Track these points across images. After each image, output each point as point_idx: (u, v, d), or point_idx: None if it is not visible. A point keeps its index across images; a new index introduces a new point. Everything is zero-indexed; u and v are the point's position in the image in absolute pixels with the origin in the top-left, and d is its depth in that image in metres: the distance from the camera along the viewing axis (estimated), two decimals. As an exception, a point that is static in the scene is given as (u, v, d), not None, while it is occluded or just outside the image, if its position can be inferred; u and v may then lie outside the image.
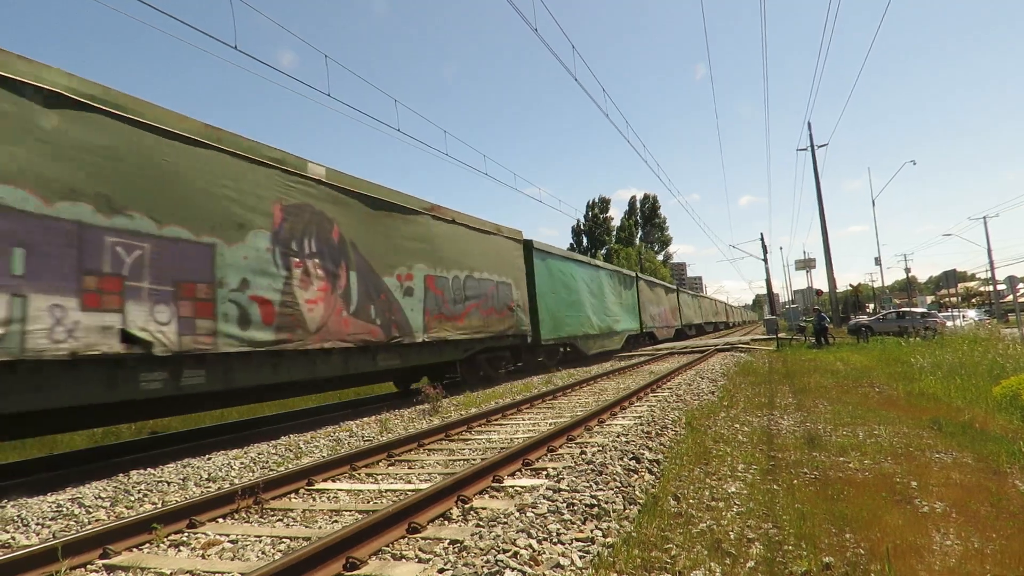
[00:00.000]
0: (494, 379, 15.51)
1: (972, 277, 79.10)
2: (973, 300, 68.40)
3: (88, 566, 3.80)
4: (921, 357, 13.16)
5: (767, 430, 6.86)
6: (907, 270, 71.67)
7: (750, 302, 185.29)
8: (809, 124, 34.29)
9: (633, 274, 29.88)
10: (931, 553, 3.19)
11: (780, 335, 27.13)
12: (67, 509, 5.16)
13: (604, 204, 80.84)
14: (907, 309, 32.97)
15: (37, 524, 4.81)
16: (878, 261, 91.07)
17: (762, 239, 47.88)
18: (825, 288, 37.21)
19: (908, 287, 75.54)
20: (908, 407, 8.07)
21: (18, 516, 4.97)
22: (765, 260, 48.17)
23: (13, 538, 4.48)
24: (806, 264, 49.90)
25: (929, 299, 75.76)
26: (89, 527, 4.57)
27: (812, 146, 32.49)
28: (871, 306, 58.85)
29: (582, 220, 79.75)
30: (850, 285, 49.82)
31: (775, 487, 4.55)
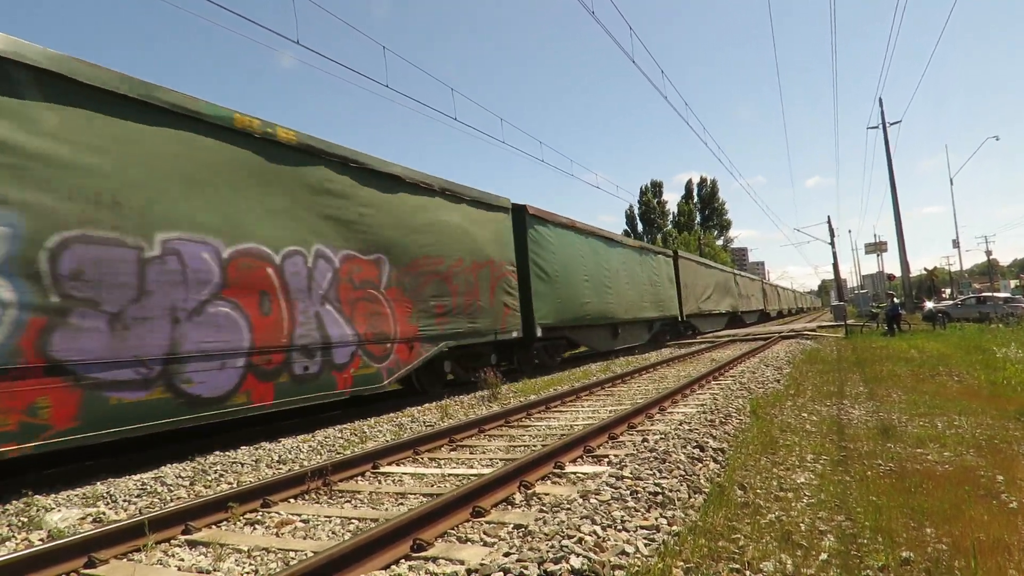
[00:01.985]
0: (551, 367, 15.53)
1: (1061, 259, 73.97)
2: (1062, 284, 64.06)
3: (172, 541, 4.01)
4: (1005, 345, 12.43)
5: (837, 419, 6.63)
6: (988, 253, 67.68)
7: (815, 288, 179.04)
8: (880, 101, 32.70)
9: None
10: (1021, 551, 3.03)
11: (849, 322, 26.09)
12: (151, 487, 5.46)
13: (657, 188, 79.37)
14: (988, 294, 31.18)
15: (124, 500, 5.11)
16: (956, 243, 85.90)
17: (829, 222, 46.14)
18: (897, 272, 35.56)
19: (989, 271, 71.36)
20: (991, 397, 7.65)
21: (107, 493, 5.29)
22: (832, 244, 46.42)
23: (103, 513, 4.78)
24: (877, 247, 47.68)
25: (1013, 283, 71.30)
26: (172, 504, 4.82)
27: (884, 124, 30.99)
28: (947, 291, 55.92)
29: (636, 205, 78.57)
30: (924, 269, 47.56)
31: (847, 478, 4.40)
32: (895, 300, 22.51)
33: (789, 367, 12.33)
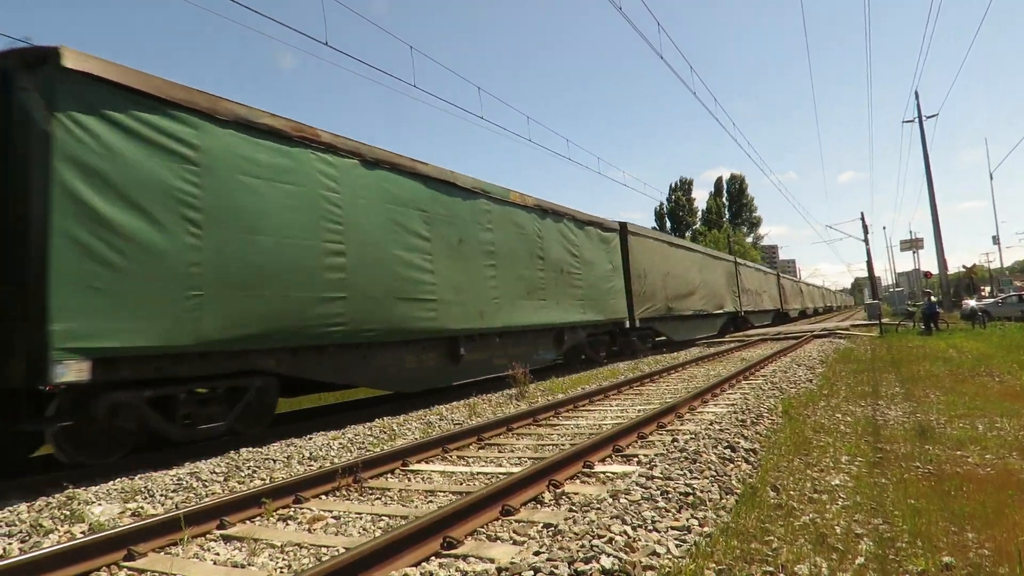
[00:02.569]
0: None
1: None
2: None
3: (207, 535, 4.09)
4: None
5: (872, 420, 6.49)
6: (1029, 249, 65.38)
7: (848, 285, 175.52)
8: (916, 94, 31.89)
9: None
10: (1068, 557, 2.93)
11: (884, 320, 25.52)
12: (186, 482, 5.58)
13: (686, 185, 78.60)
14: (1030, 292, 30.20)
15: (161, 495, 5.22)
16: (996, 240, 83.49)
17: (863, 218, 45.09)
18: (934, 270, 34.68)
19: (1030, 268, 69.01)
20: (1034, 398, 7.41)
21: (144, 487, 5.42)
22: (866, 240, 45.38)
23: (141, 507, 4.89)
24: (912, 244, 46.56)
25: (1056, 281, 68.88)
26: (207, 499, 4.91)
27: (920, 117, 30.24)
28: (987, 288, 54.34)
29: (665, 203, 77.85)
30: (963, 266, 46.23)
31: (884, 481, 4.30)
32: (932, 298, 21.92)
33: (822, 366, 12.11)
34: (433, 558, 3.36)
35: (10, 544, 4.09)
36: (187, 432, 6.88)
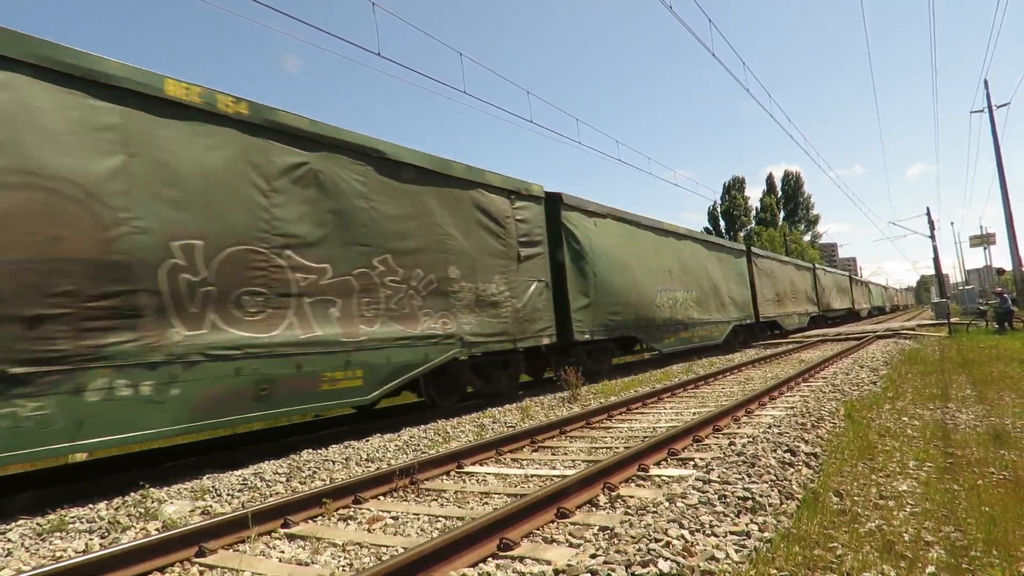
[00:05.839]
0: (633, 367, 15.93)
1: None
2: None
3: (272, 534, 4.24)
4: None
5: (941, 424, 6.23)
6: (1114, 242, 61.34)
7: (913, 284, 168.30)
8: (986, 82, 30.34)
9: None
10: None
11: (952, 320, 24.36)
12: (251, 482, 5.78)
13: (740, 184, 76.75)
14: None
15: (227, 495, 5.44)
16: (1075, 233, 78.63)
17: (928, 214, 43.27)
18: (1007, 266, 32.91)
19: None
20: (1121, 401, 6.97)
21: (212, 487, 5.64)
22: (932, 237, 43.49)
23: (210, 506, 5.10)
24: (983, 239, 44.19)
25: None
26: (271, 499, 5.07)
27: (990, 107, 28.75)
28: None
29: (718, 202, 76.27)
30: (1039, 262, 43.58)
31: (955, 487, 4.13)
32: (1004, 295, 20.80)
33: (886, 368, 11.66)
34: (490, 559, 3.40)
35: (91, 540, 4.33)
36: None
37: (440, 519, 4.34)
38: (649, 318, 15.14)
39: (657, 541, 3.22)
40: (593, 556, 3.13)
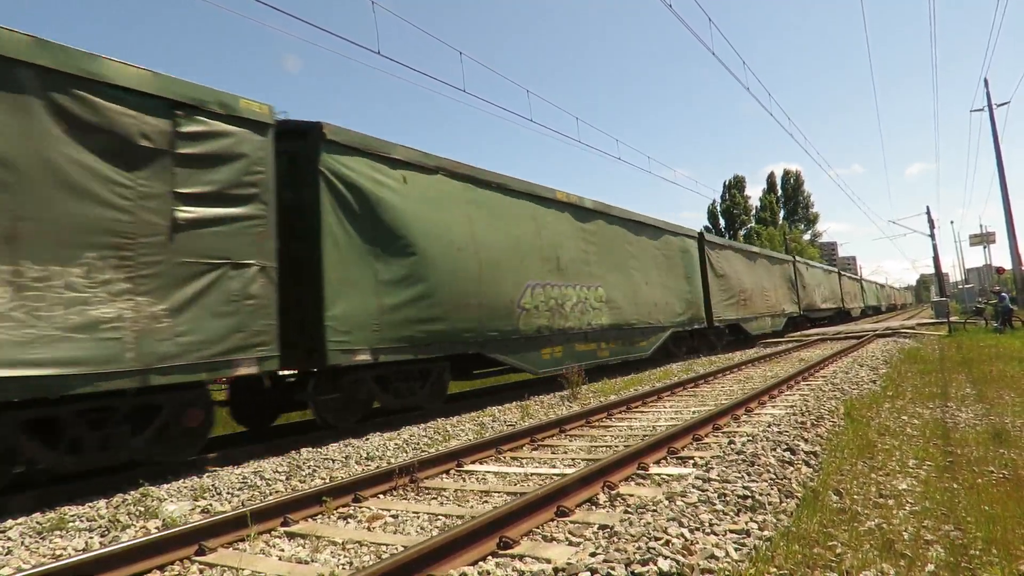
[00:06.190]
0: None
1: None
2: None
3: (272, 532, 4.24)
4: None
5: (941, 423, 6.23)
6: (1114, 241, 61.34)
7: (913, 283, 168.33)
8: (986, 81, 30.32)
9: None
10: None
11: (952, 319, 24.36)
12: (251, 481, 5.79)
13: (740, 183, 76.64)
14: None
15: (227, 493, 5.44)
16: (1075, 232, 78.56)
17: (928, 212, 43.27)
18: (1007, 265, 32.90)
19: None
20: (1121, 400, 6.97)
21: (212, 485, 5.65)
22: (932, 236, 43.50)
23: (210, 504, 5.10)
24: (983, 238, 44.14)
25: None
26: (271, 498, 5.08)
27: (990, 105, 28.73)
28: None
29: (718, 201, 76.15)
30: (1039, 261, 43.54)
31: (955, 485, 4.13)
32: (1003, 294, 20.81)
33: (886, 367, 11.66)
34: (490, 557, 3.40)
35: (91, 538, 4.33)
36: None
37: (440, 518, 4.34)
38: (506, 327, 10.55)
39: (657, 540, 3.22)
40: (593, 554, 3.14)
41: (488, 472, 5.64)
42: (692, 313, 17.39)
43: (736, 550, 3.15)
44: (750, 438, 5.72)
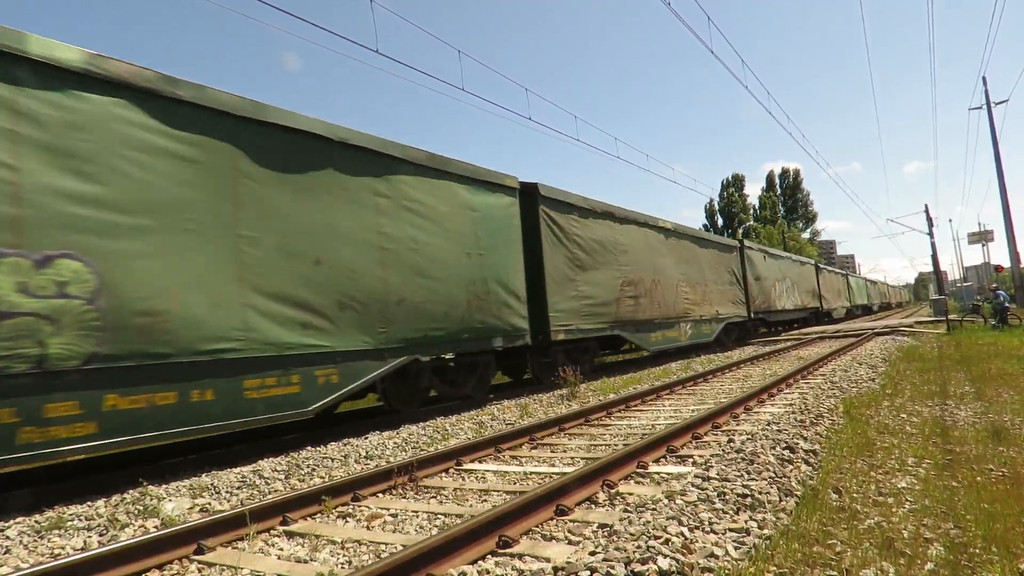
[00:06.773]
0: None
1: None
2: None
3: (271, 531, 4.23)
4: None
5: (940, 421, 6.23)
6: (1112, 239, 61.44)
7: (911, 281, 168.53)
8: (984, 79, 30.33)
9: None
10: None
11: (951, 317, 24.39)
12: (250, 480, 5.78)
13: (739, 182, 76.68)
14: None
15: (227, 492, 5.43)
16: (1073, 230, 78.60)
17: (927, 210, 43.31)
18: (1006, 263, 32.92)
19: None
20: (1120, 398, 6.98)
21: (211, 484, 5.64)
22: (930, 233, 43.53)
23: (209, 503, 5.10)
24: (981, 236, 44.12)
25: None
26: (270, 496, 5.08)
27: (988, 103, 28.74)
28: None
29: (716, 200, 76.19)
30: (1037, 259, 43.53)
31: (954, 483, 4.13)
32: (999, 292, 20.85)
33: (885, 365, 11.67)
34: (489, 556, 3.40)
35: (90, 537, 4.33)
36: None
37: (439, 516, 4.34)
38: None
39: (656, 538, 3.22)
40: (592, 553, 3.13)
41: (487, 471, 5.63)
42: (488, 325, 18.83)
43: (735, 549, 3.15)
44: (749, 436, 5.72)
